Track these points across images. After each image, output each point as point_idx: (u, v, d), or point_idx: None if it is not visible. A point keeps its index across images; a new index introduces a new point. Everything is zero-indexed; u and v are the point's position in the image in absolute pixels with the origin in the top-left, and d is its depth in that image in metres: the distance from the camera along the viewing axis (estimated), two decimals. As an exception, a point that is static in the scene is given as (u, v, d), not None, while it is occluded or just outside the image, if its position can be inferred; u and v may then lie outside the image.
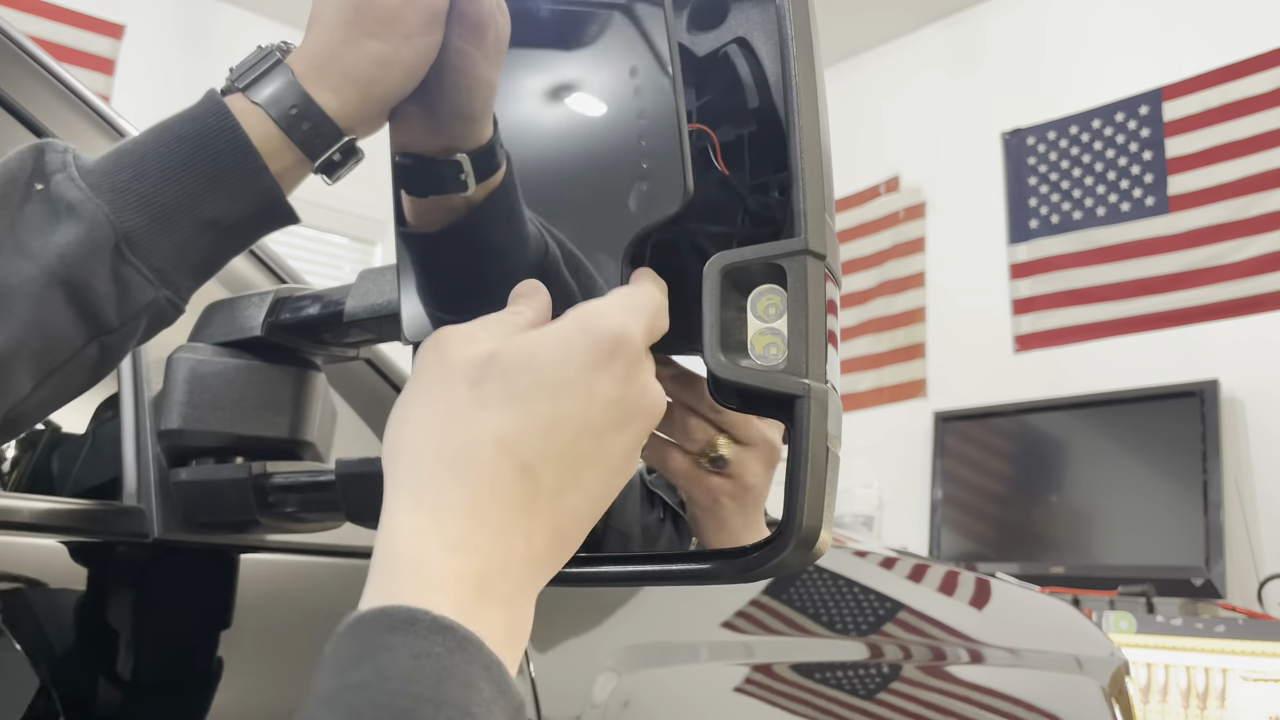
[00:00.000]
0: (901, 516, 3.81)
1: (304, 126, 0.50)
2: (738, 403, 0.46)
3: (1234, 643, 2.48)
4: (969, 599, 1.23)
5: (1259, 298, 3.10)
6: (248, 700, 0.66)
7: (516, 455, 0.38)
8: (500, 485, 0.38)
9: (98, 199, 0.48)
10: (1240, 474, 3.01)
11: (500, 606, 0.37)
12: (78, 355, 0.49)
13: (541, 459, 0.39)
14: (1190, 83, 3.31)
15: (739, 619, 0.94)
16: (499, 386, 0.39)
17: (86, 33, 3.56)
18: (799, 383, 0.44)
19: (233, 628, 0.67)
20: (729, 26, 0.52)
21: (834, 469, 0.45)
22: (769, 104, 0.50)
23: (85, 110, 0.74)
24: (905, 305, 3.98)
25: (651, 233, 0.48)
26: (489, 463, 0.38)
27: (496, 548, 0.37)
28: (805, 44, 0.48)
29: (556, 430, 0.39)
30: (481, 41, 0.50)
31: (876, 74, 4.23)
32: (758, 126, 0.51)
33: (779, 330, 0.45)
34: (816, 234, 0.45)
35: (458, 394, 0.40)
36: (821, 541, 0.44)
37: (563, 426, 0.39)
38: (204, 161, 0.49)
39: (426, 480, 0.38)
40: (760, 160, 0.51)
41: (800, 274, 0.45)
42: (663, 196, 0.46)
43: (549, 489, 0.39)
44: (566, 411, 0.39)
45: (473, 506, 0.37)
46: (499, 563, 0.37)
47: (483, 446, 0.38)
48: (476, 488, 0.38)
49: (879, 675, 1.02)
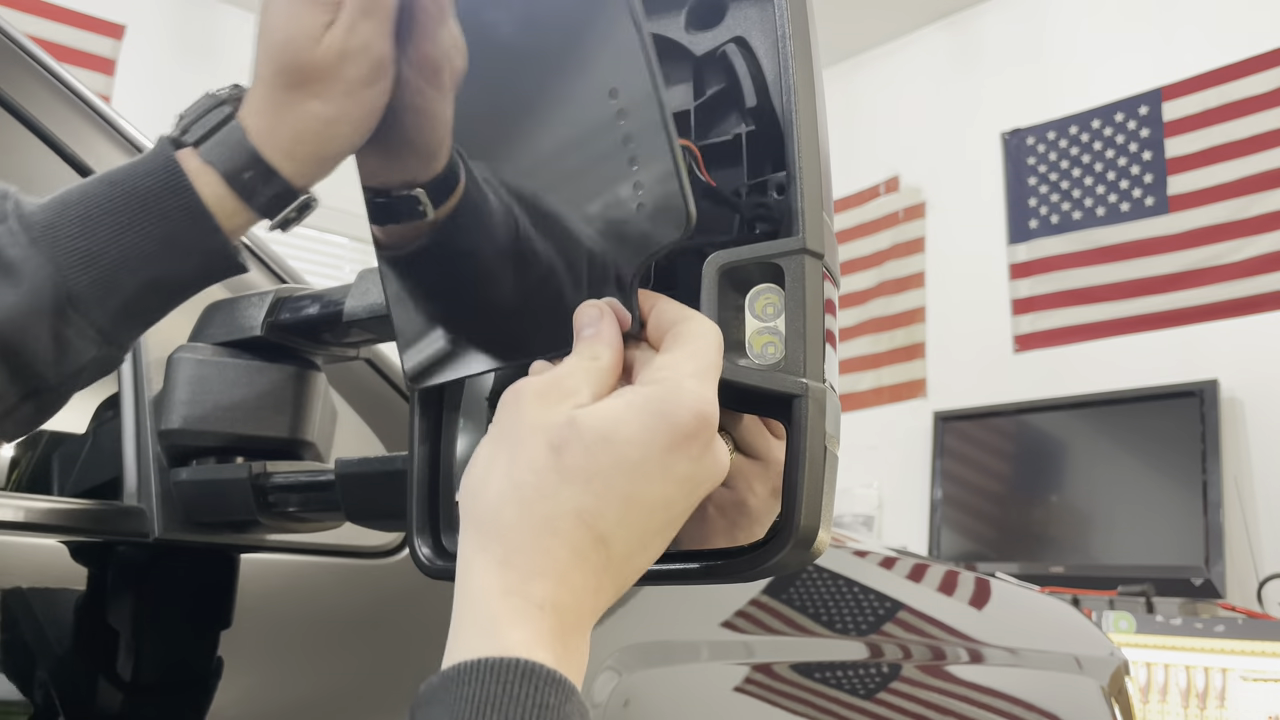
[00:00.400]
0: (901, 516, 3.81)
1: (259, 190, 0.49)
2: (736, 402, 0.46)
3: (1234, 642, 2.48)
4: (969, 599, 1.23)
5: (1259, 298, 3.10)
6: (248, 700, 0.66)
7: (594, 528, 0.41)
8: (580, 552, 0.41)
9: (40, 256, 0.47)
10: (1240, 474, 3.01)
11: (577, 653, 0.40)
12: (13, 412, 0.48)
13: (616, 530, 0.41)
14: (1190, 83, 3.31)
15: (739, 619, 0.94)
16: (580, 459, 0.41)
17: (86, 33, 3.56)
18: (797, 382, 0.44)
19: (233, 628, 0.67)
20: (727, 25, 0.52)
21: (832, 468, 0.45)
22: (767, 103, 0.49)
23: (85, 110, 0.74)
24: (905, 305, 3.98)
25: (655, 259, 0.47)
26: (570, 532, 0.40)
27: (576, 605, 0.40)
28: (803, 42, 0.48)
29: (632, 507, 0.41)
30: (438, 81, 0.49)
31: (876, 74, 4.23)
32: (756, 126, 0.51)
33: (777, 329, 0.45)
34: (814, 233, 0.45)
35: (539, 459, 0.41)
36: (820, 541, 0.44)
37: (639, 503, 0.41)
38: (153, 221, 0.48)
39: (515, 544, 0.40)
40: (759, 160, 0.51)
41: (798, 273, 0.45)
42: (664, 224, 0.45)
43: (620, 556, 0.42)
44: (644, 491, 0.41)
45: (557, 570, 0.40)
46: (576, 617, 0.40)
47: (565, 517, 0.41)
48: (559, 554, 0.40)
49: (879, 675, 1.02)
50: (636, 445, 0.41)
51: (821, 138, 0.47)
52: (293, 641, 0.70)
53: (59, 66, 0.75)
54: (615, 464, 0.41)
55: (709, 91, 0.53)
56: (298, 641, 0.69)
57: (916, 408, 3.85)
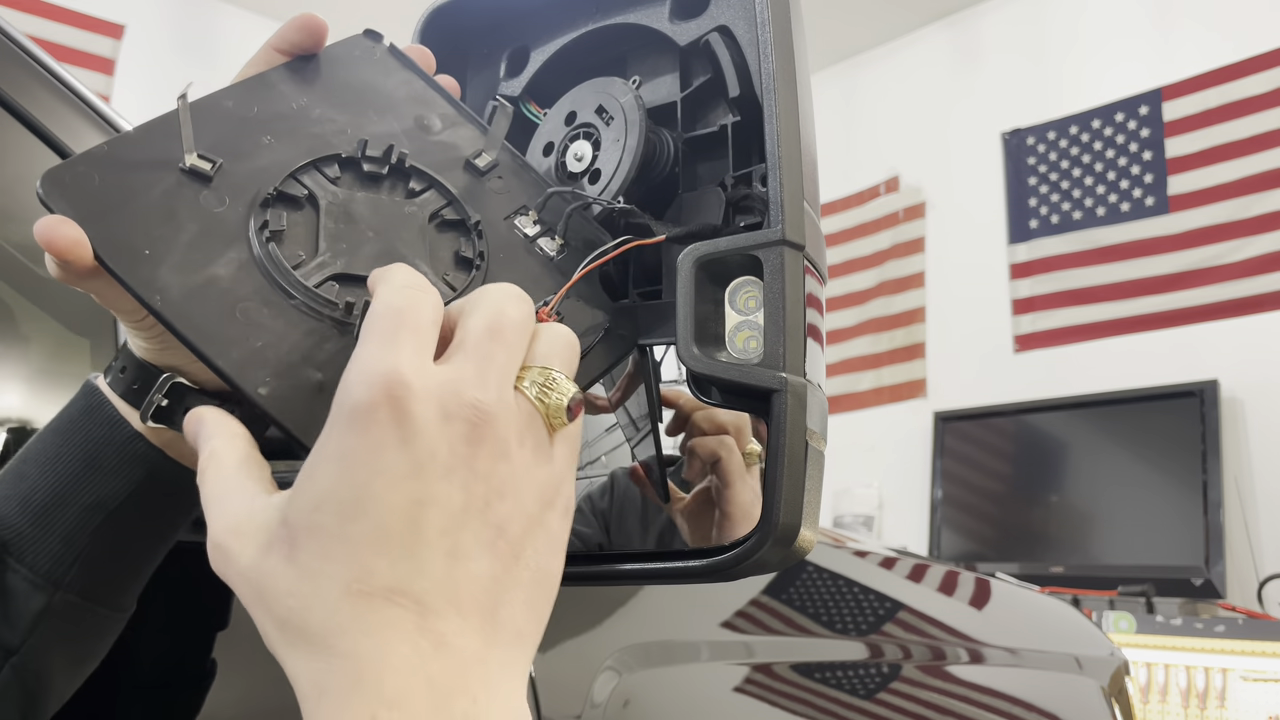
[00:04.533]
0: (901, 516, 3.81)
1: (131, 382, 0.46)
2: (717, 397, 0.45)
3: (1234, 642, 2.48)
4: (969, 599, 1.23)
5: (1258, 298, 3.10)
6: (246, 700, 0.66)
7: (367, 588, 0.34)
8: (386, 640, 0.34)
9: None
10: (1240, 474, 3.01)
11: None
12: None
13: (398, 576, 0.35)
14: (1190, 83, 3.32)
15: (739, 619, 0.94)
16: (301, 541, 0.36)
17: (86, 33, 3.57)
18: (775, 376, 0.42)
19: (231, 628, 0.67)
20: (710, 15, 0.51)
21: (815, 464, 0.43)
22: (751, 93, 0.48)
23: (85, 110, 0.74)
24: (905, 305, 3.98)
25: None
26: (361, 622, 0.34)
27: (409, 688, 0.32)
28: (783, 29, 0.46)
29: (381, 540, 0.35)
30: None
31: (876, 74, 4.23)
32: (741, 116, 0.50)
33: (756, 323, 0.44)
34: (794, 224, 0.43)
35: (259, 582, 0.37)
36: (802, 539, 0.43)
37: (383, 530, 0.35)
38: (76, 445, 0.46)
39: (327, 697, 0.34)
40: (744, 151, 0.50)
41: (777, 265, 0.43)
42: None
43: (434, 602, 0.34)
44: (370, 510, 0.35)
45: (376, 673, 0.33)
46: (426, 699, 0.32)
47: (336, 611, 0.35)
48: (373, 656, 0.34)
49: (879, 675, 1.02)
50: (319, 477, 0.34)
51: (804, 127, 0.46)
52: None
53: (59, 66, 0.75)
54: (332, 507, 0.34)
55: (695, 83, 0.52)
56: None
57: (916, 408, 3.85)
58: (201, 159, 0.44)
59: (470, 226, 0.47)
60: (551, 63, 0.57)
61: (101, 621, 0.48)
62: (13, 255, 0.80)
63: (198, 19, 3.89)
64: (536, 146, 0.55)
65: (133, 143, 0.44)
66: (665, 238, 0.48)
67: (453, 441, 0.34)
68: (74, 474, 0.46)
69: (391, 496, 0.33)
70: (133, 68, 3.63)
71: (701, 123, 0.52)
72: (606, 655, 0.81)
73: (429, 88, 0.52)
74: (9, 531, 0.46)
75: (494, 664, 0.34)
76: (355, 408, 0.34)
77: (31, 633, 0.45)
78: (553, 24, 0.57)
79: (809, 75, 0.48)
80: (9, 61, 0.72)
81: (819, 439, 0.44)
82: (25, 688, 0.46)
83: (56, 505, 0.46)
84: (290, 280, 0.43)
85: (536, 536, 0.36)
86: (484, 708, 0.33)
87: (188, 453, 0.47)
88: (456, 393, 0.35)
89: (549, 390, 0.37)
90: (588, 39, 0.56)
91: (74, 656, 0.48)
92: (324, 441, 0.35)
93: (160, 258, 0.41)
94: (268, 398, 0.40)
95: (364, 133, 0.48)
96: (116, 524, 0.47)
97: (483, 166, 0.50)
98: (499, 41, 0.60)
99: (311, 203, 0.46)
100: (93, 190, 0.42)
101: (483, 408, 0.35)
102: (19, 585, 0.45)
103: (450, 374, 0.35)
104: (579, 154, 0.53)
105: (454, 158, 0.50)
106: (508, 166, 0.51)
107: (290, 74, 0.49)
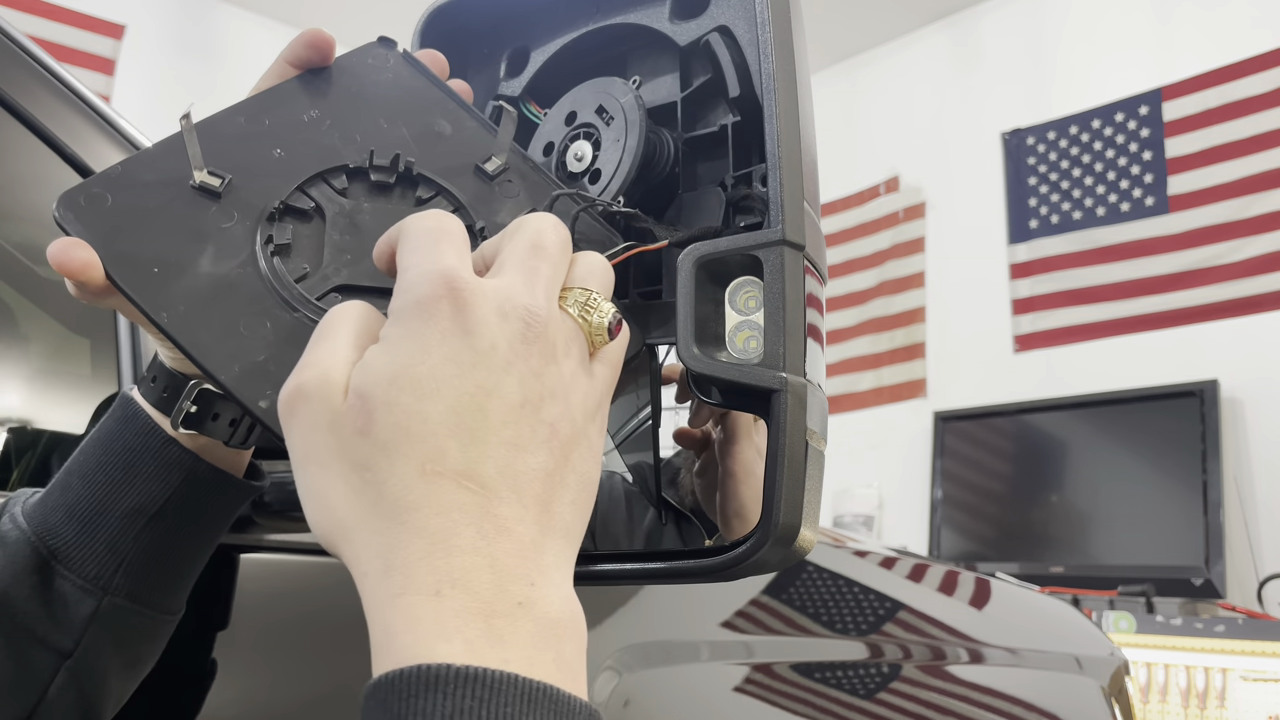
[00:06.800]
0: (901, 516, 3.81)
1: (161, 391, 0.49)
2: (717, 397, 0.45)
3: (1234, 642, 2.48)
4: (969, 599, 1.23)
5: (1258, 298, 3.10)
6: (246, 700, 0.66)
7: (433, 469, 0.34)
8: (441, 508, 0.34)
9: (28, 526, 0.48)
10: (1240, 474, 3.01)
11: (520, 621, 0.33)
12: (45, 698, 0.46)
13: (458, 454, 0.35)
14: (1190, 83, 3.32)
15: (739, 619, 0.94)
16: (365, 418, 0.36)
17: (86, 33, 3.57)
18: (775, 376, 0.42)
19: (231, 628, 0.67)
20: (710, 14, 0.51)
21: (815, 464, 0.43)
22: (751, 93, 0.48)
23: (85, 110, 0.74)
24: (905, 305, 3.98)
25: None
26: (418, 497, 0.35)
27: (484, 567, 0.33)
28: (783, 28, 0.46)
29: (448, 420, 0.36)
30: None
31: (876, 74, 4.23)
32: (741, 116, 0.50)
33: (756, 323, 0.44)
34: (794, 224, 0.44)
35: (344, 451, 0.37)
36: (802, 538, 0.43)
37: (450, 412, 0.36)
38: (115, 454, 0.48)
39: (375, 548, 0.34)
40: (745, 151, 0.50)
41: (777, 265, 0.43)
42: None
43: (492, 475, 0.35)
44: (438, 396, 0.36)
45: (434, 544, 0.33)
46: (493, 581, 0.33)
47: (397, 485, 0.35)
48: (424, 526, 0.34)
49: (879, 675, 1.02)
50: (395, 353, 0.35)
51: (804, 126, 0.46)
52: (291, 641, 0.69)
53: (59, 66, 0.75)
54: (398, 390, 0.34)
55: (695, 83, 0.52)
56: (296, 641, 0.69)
57: (916, 408, 3.85)
58: (211, 175, 0.45)
59: (477, 232, 0.47)
60: (551, 63, 0.57)
61: (150, 624, 0.50)
62: (13, 255, 0.80)
63: (198, 19, 3.89)
64: (537, 147, 0.55)
65: (147, 161, 0.45)
66: (668, 243, 0.48)
67: (510, 339, 0.36)
68: (114, 482, 0.48)
69: (461, 382, 0.35)
70: (133, 68, 3.63)
71: (701, 123, 0.52)
72: (606, 655, 0.81)
73: (441, 93, 0.53)
74: (57, 540, 0.48)
75: (549, 553, 0.35)
76: (419, 301, 0.35)
77: (84, 636, 0.48)
78: (553, 24, 0.57)
79: (809, 75, 0.48)
80: (9, 62, 0.72)
81: (819, 439, 0.44)
82: (82, 690, 0.48)
83: (100, 513, 0.48)
84: (293, 293, 0.43)
85: (580, 443, 0.37)
86: (541, 591, 0.34)
87: (222, 456, 0.50)
88: (509, 296, 0.36)
89: (590, 309, 0.39)
90: (588, 39, 0.56)
91: (127, 659, 0.50)
92: (391, 330, 0.36)
93: (169, 275, 0.43)
94: (268, 411, 0.41)
95: (374, 142, 0.49)
96: (158, 528, 0.49)
97: (491, 171, 0.50)
98: (499, 41, 0.60)
99: (319, 214, 0.46)
100: (106, 211, 0.43)
101: (535, 310, 0.36)
102: (69, 591, 0.47)
103: (500, 283, 0.37)
104: (579, 154, 0.53)
105: (463, 163, 0.50)
106: (516, 170, 0.51)
107: (303, 86, 0.50)
